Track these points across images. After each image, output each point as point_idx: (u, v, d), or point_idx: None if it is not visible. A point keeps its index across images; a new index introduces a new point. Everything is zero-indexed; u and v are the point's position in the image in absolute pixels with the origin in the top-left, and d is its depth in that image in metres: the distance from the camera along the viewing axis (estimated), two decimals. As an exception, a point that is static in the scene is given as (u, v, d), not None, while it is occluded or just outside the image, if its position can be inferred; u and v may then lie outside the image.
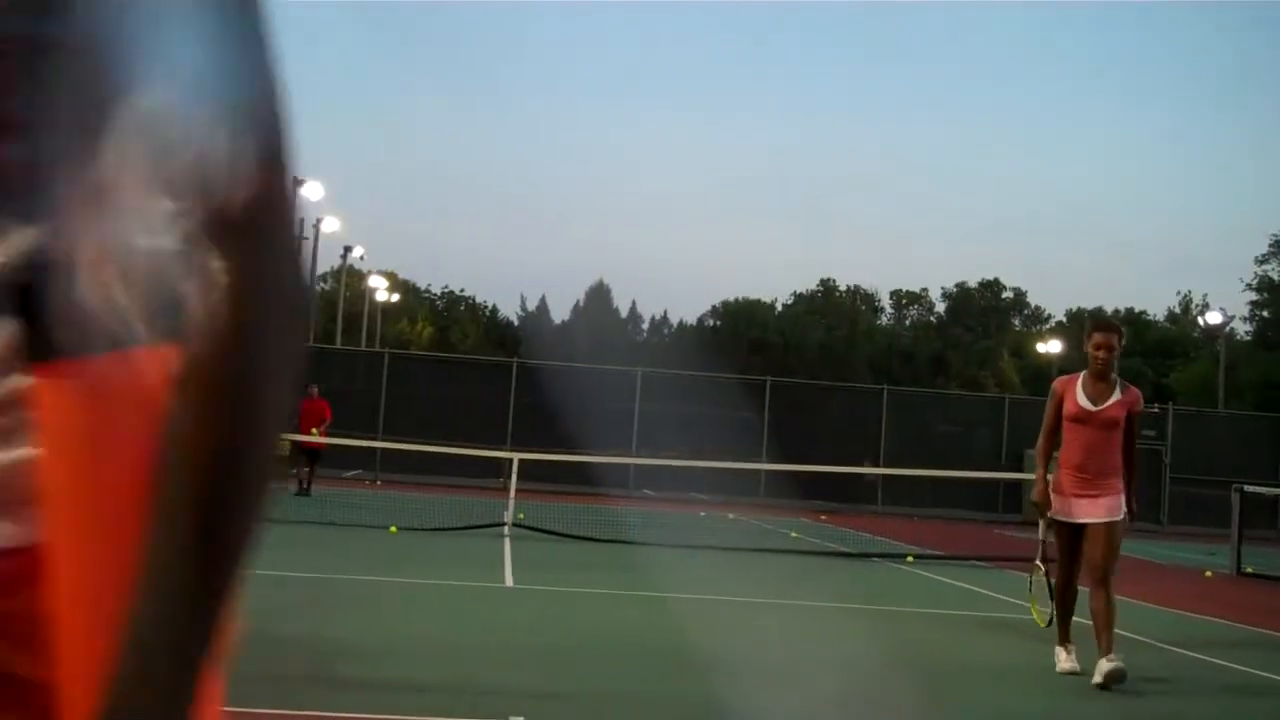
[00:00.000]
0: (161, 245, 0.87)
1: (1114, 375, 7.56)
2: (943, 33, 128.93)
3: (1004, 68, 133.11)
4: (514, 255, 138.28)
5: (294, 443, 20.70)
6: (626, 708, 6.13)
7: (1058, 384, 7.76)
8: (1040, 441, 7.82)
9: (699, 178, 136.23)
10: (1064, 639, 7.64)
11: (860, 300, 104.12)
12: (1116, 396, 7.48)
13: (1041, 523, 8.34)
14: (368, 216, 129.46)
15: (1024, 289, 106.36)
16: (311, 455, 20.71)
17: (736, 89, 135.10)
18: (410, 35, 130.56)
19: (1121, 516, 7.38)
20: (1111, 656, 7.03)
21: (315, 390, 20.93)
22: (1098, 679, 6.97)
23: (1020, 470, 28.76)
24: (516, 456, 17.44)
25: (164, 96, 0.85)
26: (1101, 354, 7.47)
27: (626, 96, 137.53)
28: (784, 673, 7.31)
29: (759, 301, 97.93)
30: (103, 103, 0.84)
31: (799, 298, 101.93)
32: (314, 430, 20.10)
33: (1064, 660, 7.50)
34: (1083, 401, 7.46)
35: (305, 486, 20.50)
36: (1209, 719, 6.97)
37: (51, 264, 0.83)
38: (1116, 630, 7.20)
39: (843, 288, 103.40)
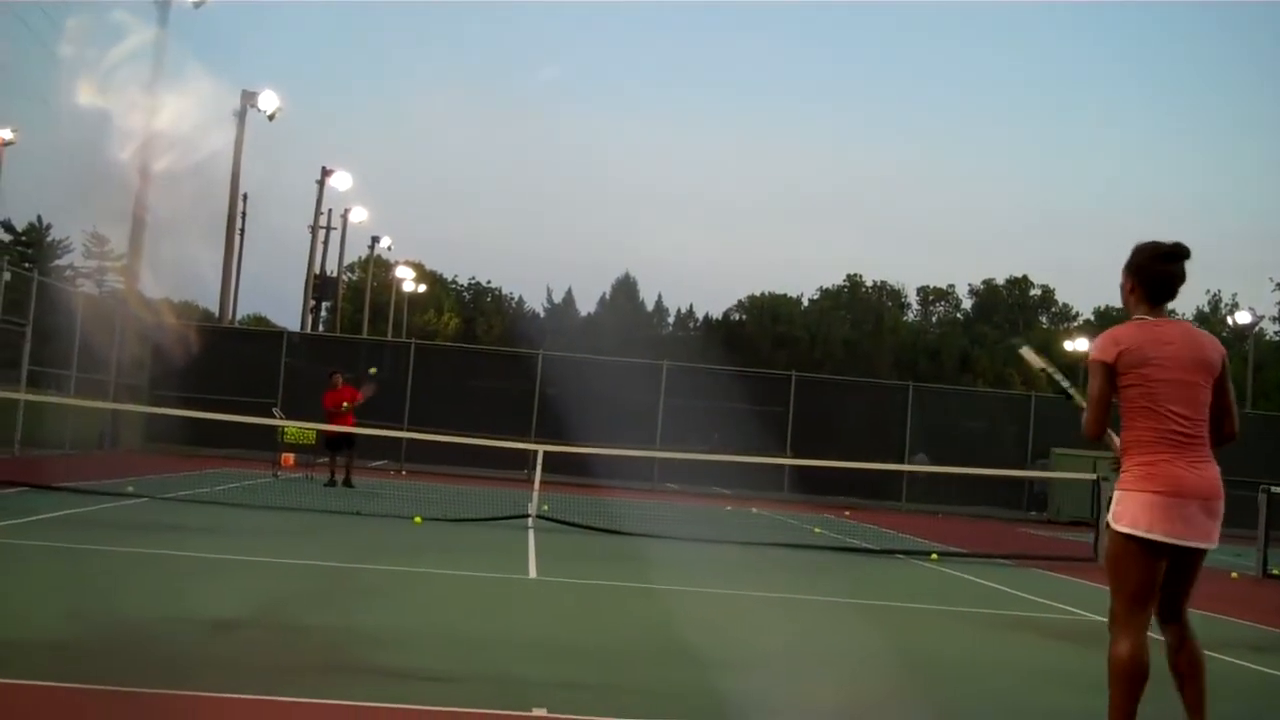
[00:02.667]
0: None
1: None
2: (970, 30, 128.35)
3: (1033, 64, 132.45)
4: (540, 247, 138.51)
5: (322, 433, 20.71)
6: (648, 701, 6.14)
7: None
8: None
9: (727, 172, 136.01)
10: None
11: (887, 296, 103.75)
12: None
13: None
14: (396, 207, 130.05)
15: (1052, 286, 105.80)
16: (335, 445, 20.70)
17: (765, 86, 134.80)
18: (440, 29, 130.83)
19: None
20: None
21: (339, 379, 20.96)
22: None
23: (1046, 469, 28.64)
24: (541, 448, 17.45)
25: None
26: None
27: (656, 92, 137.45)
28: (805, 668, 7.31)
29: (785, 296, 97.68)
30: None
31: (825, 293, 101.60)
32: (344, 405, 20.30)
33: None
34: None
35: (347, 477, 20.53)
36: (1233, 721, 6.93)
37: None
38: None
39: (869, 283, 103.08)
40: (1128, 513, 5.05)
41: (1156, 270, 5.27)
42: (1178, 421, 5.04)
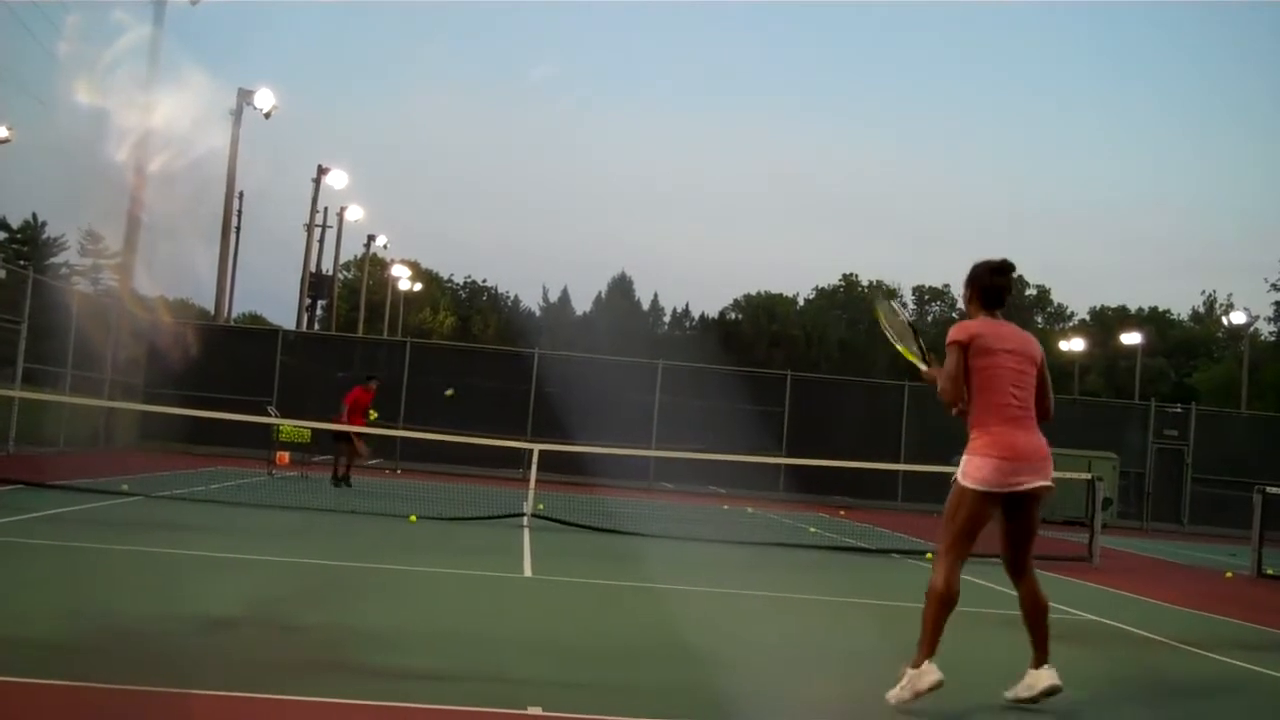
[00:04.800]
0: None
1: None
2: (966, 30, 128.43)
3: (1030, 65, 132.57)
4: (537, 246, 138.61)
5: (340, 433, 20.67)
6: (643, 699, 6.14)
7: None
8: None
9: (723, 171, 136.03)
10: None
11: (882, 296, 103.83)
12: None
13: None
14: (392, 205, 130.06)
15: (1047, 286, 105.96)
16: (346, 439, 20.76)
17: (761, 86, 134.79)
18: (436, 27, 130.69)
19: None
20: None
21: (374, 384, 21.01)
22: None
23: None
24: (536, 447, 17.45)
25: None
26: None
27: (653, 91, 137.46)
28: (800, 667, 7.31)
29: (781, 295, 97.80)
30: None
31: (821, 292, 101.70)
32: (371, 415, 20.35)
33: None
34: None
35: (345, 474, 20.49)
36: (1227, 720, 6.95)
37: None
38: (1135, 630, 6.94)
39: (865, 282, 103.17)
40: (976, 472, 6.46)
41: (989, 283, 6.43)
42: (1014, 399, 6.32)
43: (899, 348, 7.32)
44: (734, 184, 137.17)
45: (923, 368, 6.96)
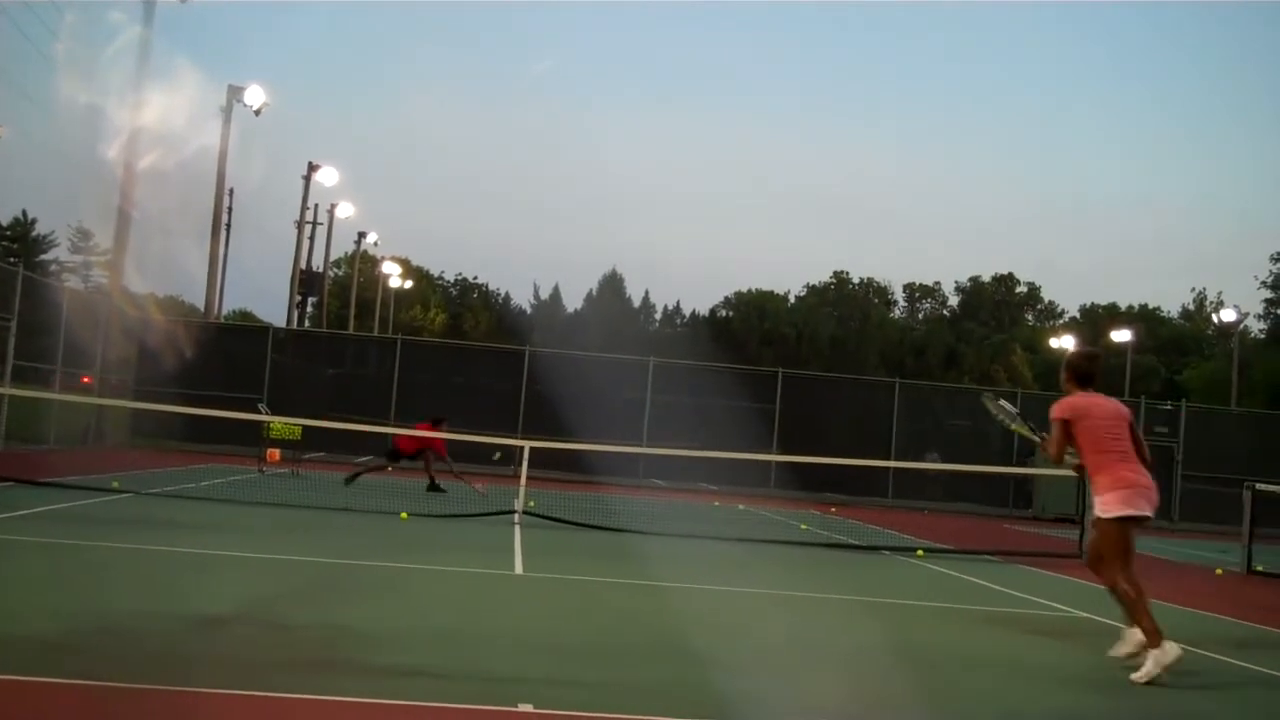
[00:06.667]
0: None
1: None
2: (958, 29, 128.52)
3: (1021, 63, 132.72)
4: (528, 243, 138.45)
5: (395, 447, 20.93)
6: (634, 696, 6.14)
7: None
8: None
9: (714, 169, 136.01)
10: None
11: (873, 293, 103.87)
12: None
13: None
14: (382, 202, 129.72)
15: (1038, 284, 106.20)
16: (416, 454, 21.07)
17: (752, 84, 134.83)
18: (426, 25, 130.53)
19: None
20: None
21: (444, 425, 20.97)
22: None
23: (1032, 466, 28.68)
24: (527, 444, 17.43)
25: None
26: None
27: (644, 89, 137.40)
28: (791, 664, 7.32)
29: (772, 293, 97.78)
30: None
31: (812, 290, 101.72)
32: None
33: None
34: None
35: (432, 481, 20.78)
36: (1218, 716, 6.96)
37: None
38: (1126, 627, 7.21)
39: (856, 280, 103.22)
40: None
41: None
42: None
43: (1014, 427, 9.75)
44: (725, 182, 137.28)
45: (1035, 439, 8.80)
